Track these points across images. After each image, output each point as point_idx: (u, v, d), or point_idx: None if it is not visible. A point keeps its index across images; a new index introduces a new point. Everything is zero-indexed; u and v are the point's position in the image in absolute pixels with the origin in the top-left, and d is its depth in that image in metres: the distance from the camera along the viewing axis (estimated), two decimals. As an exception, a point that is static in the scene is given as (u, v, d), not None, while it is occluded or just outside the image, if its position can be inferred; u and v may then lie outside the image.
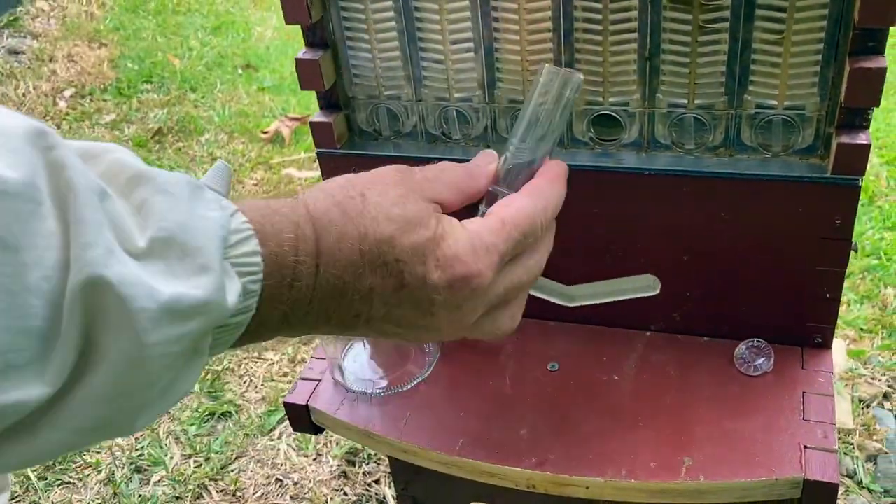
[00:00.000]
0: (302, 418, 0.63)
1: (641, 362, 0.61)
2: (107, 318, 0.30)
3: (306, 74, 0.59)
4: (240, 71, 2.36)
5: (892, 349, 1.25)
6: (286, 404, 0.63)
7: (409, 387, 0.62)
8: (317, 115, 0.62)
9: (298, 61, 0.59)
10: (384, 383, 0.62)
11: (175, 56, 2.47)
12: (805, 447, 0.53)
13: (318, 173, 1.89)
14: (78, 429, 0.31)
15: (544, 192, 0.45)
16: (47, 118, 2.19)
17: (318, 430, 0.64)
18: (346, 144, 0.64)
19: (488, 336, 0.45)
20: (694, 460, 0.53)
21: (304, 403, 0.62)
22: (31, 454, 0.31)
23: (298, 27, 0.58)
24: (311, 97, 2.19)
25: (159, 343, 0.31)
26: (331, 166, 0.63)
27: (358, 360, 0.65)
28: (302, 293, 0.38)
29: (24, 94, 2.32)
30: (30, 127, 0.29)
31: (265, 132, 2.01)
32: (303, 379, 0.64)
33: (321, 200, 0.40)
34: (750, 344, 0.60)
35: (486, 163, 0.47)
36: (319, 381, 0.64)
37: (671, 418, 0.57)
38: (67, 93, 2.31)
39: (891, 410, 1.17)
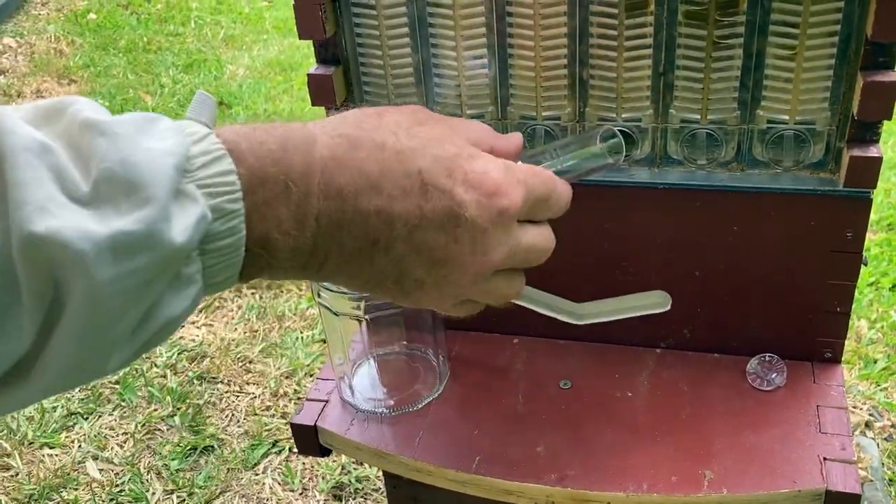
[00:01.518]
0: (309, 440, 0.61)
1: (654, 379, 0.61)
2: (56, 266, 0.31)
3: (318, 90, 0.59)
4: (213, 108, 2.35)
5: (871, 378, 1.27)
6: (293, 426, 0.61)
7: (420, 405, 0.61)
8: (326, 132, 0.62)
9: (311, 76, 0.59)
10: (393, 402, 0.61)
11: (146, 93, 2.45)
12: (825, 459, 0.53)
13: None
14: (56, 372, 0.33)
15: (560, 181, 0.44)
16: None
17: (325, 452, 0.62)
18: (355, 161, 0.63)
19: (496, 300, 0.42)
20: (715, 473, 0.53)
21: (312, 424, 0.61)
22: (23, 399, 0.33)
23: (271, 66, 0.58)
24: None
25: (111, 280, 0.32)
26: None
27: (367, 379, 0.64)
28: (302, 208, 0.36)
29: (-10, 130, 2.28)
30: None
31: (241, 167, 1.99)
32: (309, 400, 0.63)
33: (329, 119, 0.38)
34: (762, 359, 0.60)
35: (516, 136, 0.45)
36: (327, 401, 0.62)
37: (688, 433, 0.56)
38: (36, 128, 2.28)
39: (873, 438, 1.18)
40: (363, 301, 0.59)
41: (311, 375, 1.33)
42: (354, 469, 1.16)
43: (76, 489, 1.15)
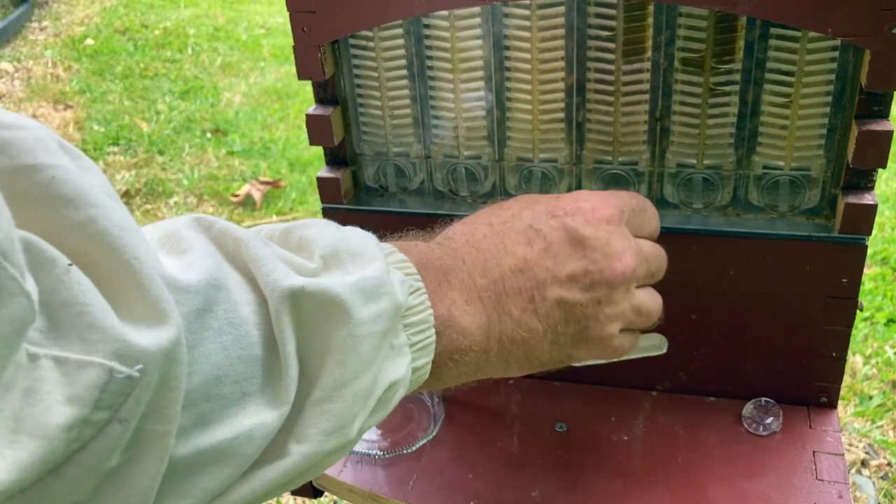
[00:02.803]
0: (302, 481, 0.61)
1: (649, 422, 0.61)
2: (314, 318, 0.35)
3: (316, 130, 0.59)
4: (209, 135, 2.36)
5: (866, 416, 1.27)
6: (285, 466, 0.61)
7: (414, 448, 0.60)
8: (324, 171, 0.62)
9: (309, 117, 0.59)
10: (387, 444, 0.61)
11: (142, 119, 2.46)
12: (821, 507, 0.52)
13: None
14: (317, 435, 0.35)
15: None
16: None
17: (318, 493, 0.62)
18: (351, 200, 0.63)
19: (611, 352, 0.47)
20: (711, 521, 0.53)
21: (304, 465, 0.60)
22: (283, 477, 0.34)
23: (268, 93, 0.59)
24: (282, 162, 2.19)
25: (364, 320, 0.36)
26: (336, 222, 0.63)
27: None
28: (466, 287, 0.42)
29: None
30: (187, 219, 0.36)
31: (236, 195, 2.00)
32: (302, 440, 0.62)
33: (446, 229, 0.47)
34: (757, 403, 0.60)
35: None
36: (320, 442, 0.62)
37: (684, 478, 0.56)
38: (31, 153, 2.28)
39: (869, 477, 1.18)
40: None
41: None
42: None
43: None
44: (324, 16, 0.55)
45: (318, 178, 0.62)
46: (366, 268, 0.37)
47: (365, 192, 0.64)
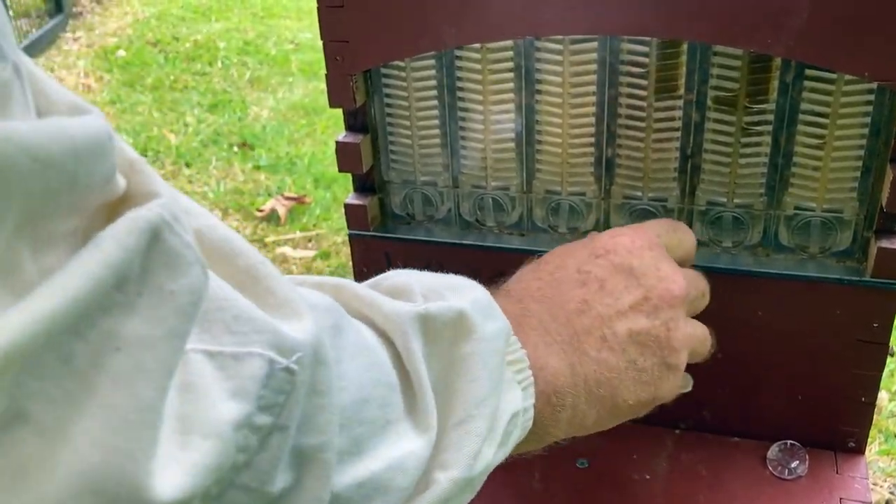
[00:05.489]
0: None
1: (672, 461, 0.60)
2: (441, 339, 0.35)
3: (345, 157, 0.60)
4: (235, 149, 2.38)
5: (892, 454, 1.25)
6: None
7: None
8: (351, 198, 0.62)
9: (339, 144, 0.59)
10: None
11: (171, 131, 2.48)
12: (847, 556, 0.51)
13: (312, 252, 1.90)
14: (464, 459, 0.34)
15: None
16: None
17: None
18: (378, 227, 0.63)
19: (700, 344, 0.48)
20: (733, 567, 0.52)
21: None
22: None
23: (295, 108, 0.59)
24: (307, 177, 2.20)
25: (487, 336, 0.36)
26: (362, 248, 0.63)
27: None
28: (542, 332, 0.42)
29: (16, 162, 2.31)
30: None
31: (261, 210, 2.01)
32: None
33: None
34: (783, 445, 0.59)
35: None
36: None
37: (706, 521, 0.55)
38: (61, 162, 2.31)
39: (893, 517, 1.16)
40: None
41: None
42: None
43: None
44: (357, 46, 0.55)
45: (346, 205, 0.62)
46: (471, 294, 0.38)
47: (392, 220, 0.64)
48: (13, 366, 0.19)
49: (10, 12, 2.86)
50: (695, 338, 0.47)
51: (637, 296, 0.44)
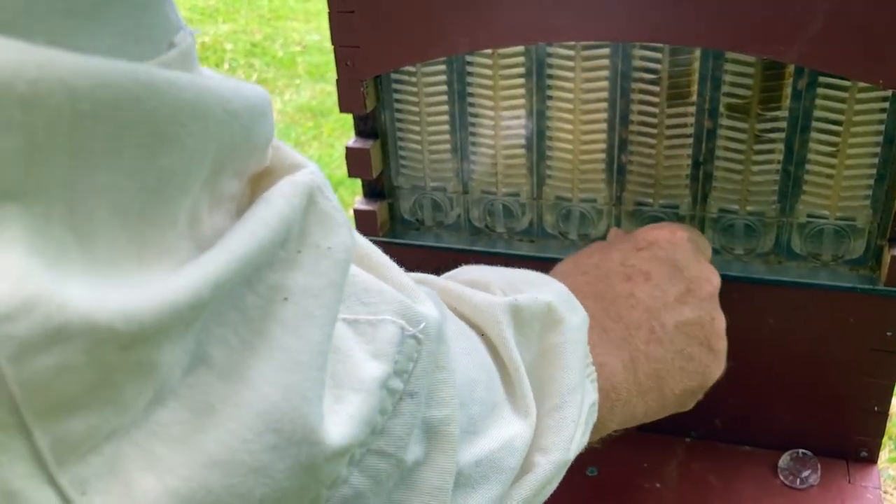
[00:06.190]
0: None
1: (682, 470, 0.60)
2: (532, 329, 0.36)
3: (355, 162, 0.59)
4: (242, 151, 2.38)
5: (900, 460, 1.24)
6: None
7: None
8: (360, 203, 0.62)
9: (349, 150, 0.59)
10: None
11: (178, 133, 2.49)
12: (860, 567, 0.51)
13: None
14: (562, 442, 0.35)
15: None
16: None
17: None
18: (387, 233, 0.63)
19: (714, 377, 0.48)
20: (745, 577, 0.51)
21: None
22: (532, 492, 0.35)
23: (302, 111, 0.59)
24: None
25: (574, 326, 0.38)
26: (371, 254, 0.63)
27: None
28: (597, 329, 0.42)
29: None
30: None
31: (267, 212, 2.01)
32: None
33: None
34: (794, 455, 0.59)
35: None
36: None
37: (717, 530, 0.55)
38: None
39: (902, 524, 1.15)
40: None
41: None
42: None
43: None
44: (368, 51, 0.55)
45: (355, 211, 0.62)
46: (547, 287, 0.39)
47: (401, 226, 0.64)
48: (204, 311, 0.20)
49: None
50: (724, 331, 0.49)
51: (682, 288, 0.45)
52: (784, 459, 0.59)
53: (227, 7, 3.51)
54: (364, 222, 0.62)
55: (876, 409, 0.56)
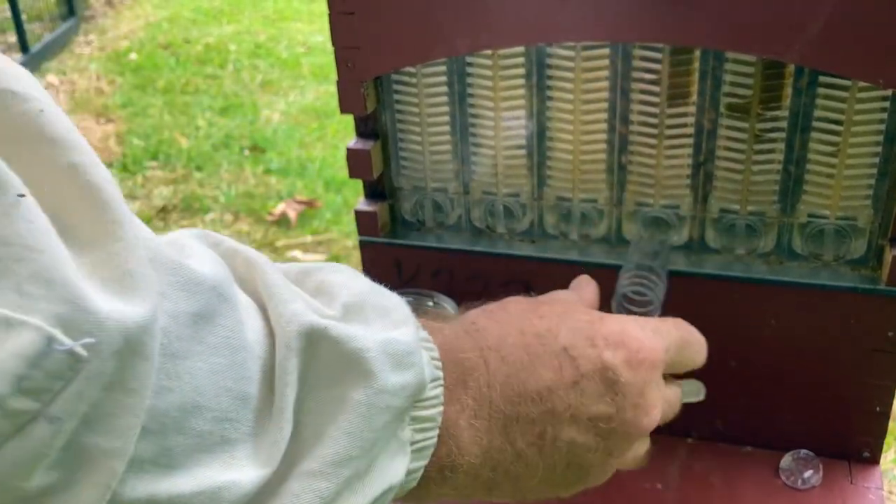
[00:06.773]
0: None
1: (684, 470, 0.59)
2: (330, 370, 0.29)
3: (356, 164, 0.60)
4: (246, 152, 2.38)
5: (905, 461, 1.24)
6: None
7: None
8: (362, 204, 0.62)
9: (350, 151, 0.59)
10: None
11: (182, 135, 2.49)
12: (862, 568, 0.51)
13: (323, 256, 1.89)
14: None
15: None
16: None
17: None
18: (388, 234, 0.63)
19: (637, 463, 0.44)
20: (746, 578, 0.51)
21: None
22: None
23: (306, 112, 0.59)
24: (318, 181, 2.20)
25: (388, 389, 0.30)
26: (372, 254, 0.63)
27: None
28: (479, 396, 0.36)
29: (29, 165, 2.32)
30: (191, 231, 0.30)
31: (272, 214, 2.01)
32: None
33: (468, 314, 0.40)
34: (796, 455, 0.58)
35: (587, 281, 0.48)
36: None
37: (719, 531, 0.55)
38: (73, 166, 2.32)
39: (906, 525, 1.15)
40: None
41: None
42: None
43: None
44: (368, 52, 0.55)
45: (357, 212, 0.62)
46: (394, 330, 0.32)
47: (402, 226, 0.64)
48: None
49: (24, 16, 2.87)
50: (625, 462, 0.44)
51: (603, 411, 0.38)
52: (786, 460, 0.59)
53: (232, 8, 3.52)
54: (365, 223, 0.62)
55: (878, 409, 0.56)
